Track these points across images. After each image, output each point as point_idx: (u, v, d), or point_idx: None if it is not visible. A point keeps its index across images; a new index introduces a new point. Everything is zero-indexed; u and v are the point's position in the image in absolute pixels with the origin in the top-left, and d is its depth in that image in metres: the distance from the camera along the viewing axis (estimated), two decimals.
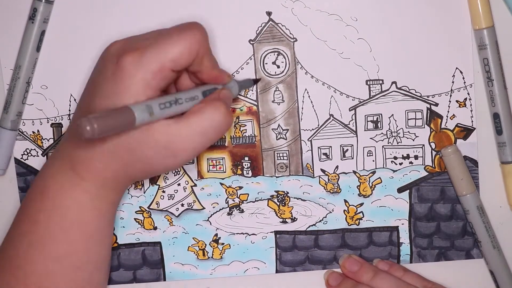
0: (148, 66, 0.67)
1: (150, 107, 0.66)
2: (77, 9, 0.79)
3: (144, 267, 0.82)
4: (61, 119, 0.81)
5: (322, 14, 0.79)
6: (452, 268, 0.82)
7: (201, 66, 0.70)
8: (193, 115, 0.68)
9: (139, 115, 0.65)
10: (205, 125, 0.68)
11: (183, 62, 0.68)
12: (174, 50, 0.67)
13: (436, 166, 0.81)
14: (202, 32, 0.69)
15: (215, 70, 0.71)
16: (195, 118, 0.68)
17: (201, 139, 0.69)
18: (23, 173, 0.81)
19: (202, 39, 0.68)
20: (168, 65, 0.67)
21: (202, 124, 0.68)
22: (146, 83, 0.67)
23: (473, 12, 0.78)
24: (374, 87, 0.80)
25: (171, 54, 0.67)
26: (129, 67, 0.67)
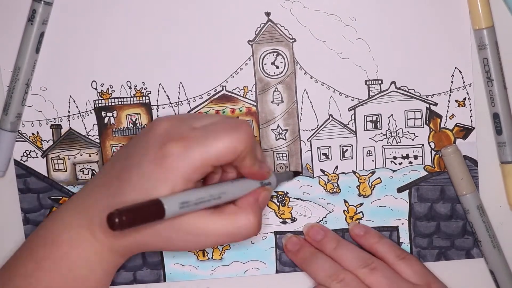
0: (192, 160, 0.67)
1: (183, 203, 0.66)
2: (76, 10, 0.79)
3: (144, 268, 0.82)
4: (61, 120, 0.81)
5: (321, 15, 0.79)
6: (452, 267, 0.82)
7: (243, 163, 0.70)
8: (226, 216, 0.69)
9: (170, 209, 0.65)
10: (234, 230, 0.70)
11: (226, 160, 0.68)
12: (219, 148, 0.67)
13: (435, 166, 0.81)
14: (249, 133, 0.69)
15: (255, 168, 0.72)
16: (227, 220, 0.69)
17: (227, 239, 0.70)
18: (23, 175, 0.81)
19: (248, 140, 0.68)
20: (211, 161, 0.67)
21: (231, 229, 0.70)
22: (186, 177, 0.67)
23: (473, 12, 0.78)
24: (373, 87, 0.80)
25: (216, 151, 0.67)
26: (172, 158, 0.67)
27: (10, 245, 0.81)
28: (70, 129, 0.81)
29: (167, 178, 0.67)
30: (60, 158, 0.81)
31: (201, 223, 0.68)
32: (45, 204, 0.81)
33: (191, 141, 0.67)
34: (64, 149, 0.81)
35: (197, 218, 0.68)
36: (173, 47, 0.79)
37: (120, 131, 0.81)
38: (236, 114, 0.81)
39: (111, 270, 0.73)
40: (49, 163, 0.81)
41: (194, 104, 0.80)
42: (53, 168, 0.81)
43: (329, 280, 0.78)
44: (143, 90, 0.80)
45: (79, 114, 0.81)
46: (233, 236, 0.70)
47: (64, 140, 0.81)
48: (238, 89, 0.80)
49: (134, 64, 0.80)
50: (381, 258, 0.79)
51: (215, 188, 0.70)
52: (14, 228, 0.82)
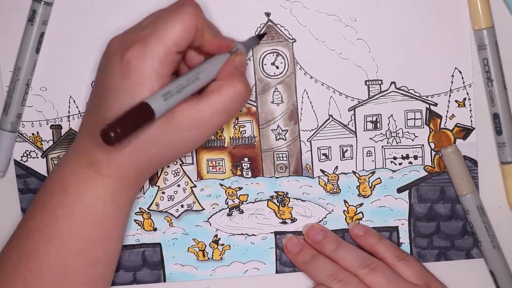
0: (153, 55, 0.67)
1: (166, 94, 0.66)
2: (77, 10, 0.79)
3: (144, 268, 0.82)
4: (61, 120, 0.81)
5: (321, 15, 0.79)
6: (452, 268, 0.82)
7: (203, 39, 0.70)
8: (214, 94, 0.69)
9: (157, 106, 0.65)
10: (227, 102, 0.69)
11: (185, 42, 0.68)
12: (174, 32, 0.67)
13: (435, 166, 0.81)
14: (195, 6, 0.69)
15: (217, 39, 0.71)
16: (216, 97, 0.69)
17: (224, 115, 0.70)
18: (23, 175, 0.81)
19: (196, 13, 0.68)
20: (172, 48, 0.67)
21: (224, 102, 0.69)
22: (156, 73, 0.67)
23: (473, 12, 0.78)
24: (373, 87, 0.80)
25: (172, 37, 0.67)
26: (135, 61, 0.67)
27: None
28: (70, 129, 0.81)
29: (140, 82, 0.66)
30: (60, 158, 0.81)
31: (192, 111, 0.68)
32: None
33: (146, 39, 0.67)
34: (64, 150, 0.81)
35: (187, 109, 0.68)
36: None
37: None
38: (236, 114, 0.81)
39: (125, 206, 0.72)
40: (49, 163, 0.81)
41: None
42: None
43: (329, 280, 0.78)
44: None
45: (79, 115, 0.81)
46: (229, 109, 0.69)
47: (64, 141, 0.81)
48: None
49: None
50: (381, 258, 0.79)
51: (190, 72, 0.69)
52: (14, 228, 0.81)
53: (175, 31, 0.67)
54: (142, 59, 0.67)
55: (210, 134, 0.70)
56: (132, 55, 0.67)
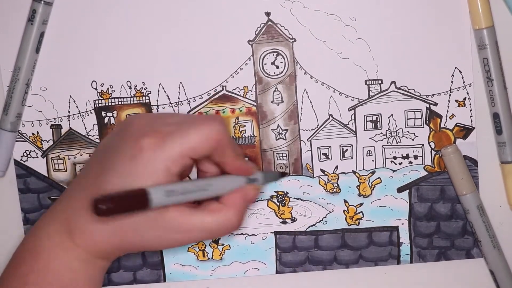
0: (169, 152, 0.66)
1: (169, 191, 0.66)
2: (77, 10, 0.79)
3: (144, 268, 0.82)
4: (61, 120, 0.81)
5: (321, 14, 0.79)
6: (452, 267, 0.82)
7: (224, 157, 0.69)
8: (208, 214, 0.69)
9: (156, 198, 0.65)
10: (216, 227, 0.69)
11: (202, 152, 0.68)
12: (194, 138, 0.67)
13: (435, 166, 0.81)
14: (222, 123, 0.68)
15: (238, 162, 0.70)
16: (209, 217, 0.68)
17: (207, 235, 0.69)
18: (23, 175, 0.81)
19: (221, 130, 0.68)
20: (188, 153, 0.67)
21: (213, 225, 0.69)
22: (167, 169, 0.66)
23: (473, 12, 0.78)
24: (373, 87, 0.80)
25: (192, 142, 0.67)
26: (149, 151, 0.66)
27: (10, 245, 0.81)
28: (70, 129, 0.81)
29: (148, 171, 0.66)
30: (60, 158, 0.81)
31: (183, 218, 0.68)
32: (45, 204, 0.81)
33: (166, 134, 0.67)
34: (64, 149, 0.81)
35: (179, 214, 0.67)
36: (173, 47, 0.79)
37: None
38: (236, 114, 0.81)
39: (97, 276, 0.72)
40: (49, 163, 0.81)
41: (194, 104, 0.80)
42: (53, 168, 0.81)
43: None
44: (143, 90, 0.80)
45: (79, 114, 0.81)
46: (213, 233, 0.69)
47: (64, 140, 0.81)
48: (238, 89, 0.80)
49: (134, 64, 0.80)
50: None
51: (201, 180, 0.69)
52: (14, 228, 0.82)
53: (195, 138, 0.67)
54: (156, 151, 0.66)
55: (187, 243, 0.70)
56: (148, 144, 0.66)
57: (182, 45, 0.79)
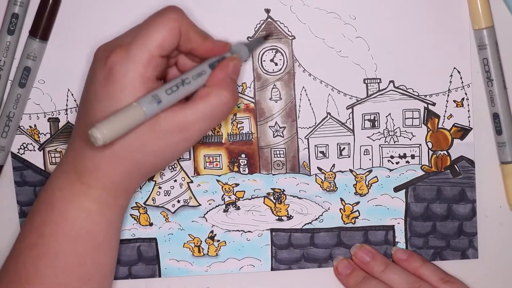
0: (136, 59, 0.67)
1: (156, 96, 0.66)
2: (75, 5, 0.79)
3: (140, 263, 0.83)
4: (58, 113, 0.81)
5: (320, 12, 0.79)
6: (447, 268, 0.82)
7: (191, 43, 0.69)
8: (200, 100, 0.68)
9: (147, 108, 0.65)
10: (212, 110, 0.69)
11: (168, 45, 0.68)
12: (156, 36, 0.67)
13: (432, 166, 0.81)
14: (177, 10, 0.68)
15: (207, 42, 0.71)
16: (202, 104, 0.68)
17: (209, 122, 0.69)
18: (20, 168, 0.81)
19: (179, 17, 0.68)
20: (155, 52, 0.67)
21: (209, 110, 0.68)
22: (140, 77, 0.67)
23: (473, 12, 0.78)
24: (372, 85, 0.80)
25: (155, 40, 0.67)
26: (118, 66, 0.66)
27: (7, 238, 0.82)
28: (67, 122, 0.81)
29: (124, 86, 0.66)
30: (57, 151, 0.81)
31: (177, 116, 0.67)
32: None
33: (129, 44, 0.67)
34: (61, 143, 0.81)
35: (172, 114, 0.67)
36: None
37: None
38: (234, 110, 0.81)
39: (115, 219, 0.72)
40: (46, 156, 0.81)
41: None
42: (50, 161, 0.81)
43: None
44: None
45: (77, 108, 0.81)
46: (213, 117, 0.69)
47: (62, 134, 0.81)
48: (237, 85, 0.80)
49: None
50: (426, 281, 0.79)
51: (180, 76, 0.69)
52: (10, 221, 0.82)
53: (157, 35, 0.67)
54: (125, 64, 0.66)
55: (195, 139, 0.70)
56: (115, 60, 0.67)
57: None
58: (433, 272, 0.80)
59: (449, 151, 0.81)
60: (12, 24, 0.78)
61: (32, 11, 0.78)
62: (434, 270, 0.80)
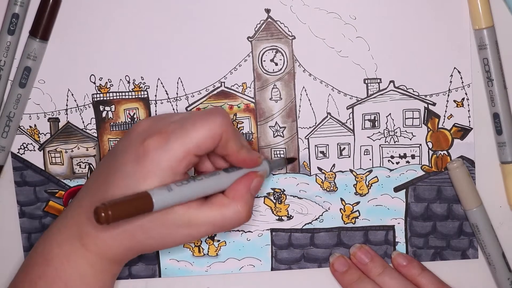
0: (172, 152, 0.67)
1: (170, 189, 0.66)
2: (75, 5, 0.79)
3: (140, 263, 0.82)
4: (58, 114, 0.81)
5: (320, 12, 0.79)
6: (447, 267, 0.82)
7: (227, 150, 0.70)
8: (215, 207, 0.70)
9: (158, 200, 0.65)
10: (223, 220, 0.70)
11: (206, 147, 0.68)
12: (198, 135, 0.67)
13: (432, 166, 0.81)
14: (225, 116, 0.69)
15: (242, 154, 0.71)
16: (216, 211, 0.69)
17: (217, 229, 0.70)
18: (20, 167, 0.81)
19: (224, 123, 0.69)
20: (192, 150, 0.68)
21: (220, 219, 0.70)
22: (171, 169, 0.67)
23: (473, 12, 0.78)
24: (372, 85, 0.80)
25: (196, 139, 0.67)
26: (154, 151, 0.67)
27: (6, 238, 0.82)
28: (67, 122, 0.81)
29: (151, 173, 0.67)
30: (57, 151, 0.81)
31: (190, 214, 0.68)
32: (42, 197, 0.81)
33: (170, 134, 0.68)
34: (61, 143, 0.81)
35: (186, 210, 0.68)
36: (173, 42, 0.79)
37: (118, 125, 0.81)
38: (234, 110, 0.81)
39: (108, 281, 0.73)
40: (46, 156, 0.81)
41: (193, 99, 0.80)
42: (50, 161, 0.81)
43: None
44: (142, 85, 0.80)
45: (77, 108, 0.81)
46: (222, 227, 0.70)
47: (62, 134, 0.81)
48: (237, 85, 0.80)
49: (133, 58, 0.80)
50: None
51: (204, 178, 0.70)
52: (10, 221, 0.82)
53: (199, 135, 0.68)
54: (160, 152, 0.67)
55: (197, 238, 0.71)
56: (152, 145, 0.67)
57: (181, 41, 0.79)
58: (431, 281, 0.80)
59: (449, 151, 0.81)
60: (12, 24, 0.78)
61: (33, 11, 0.78)
62: (432, 279, 0.80)
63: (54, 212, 0.82)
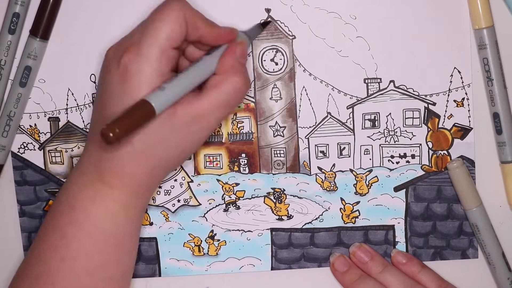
0: (149, 55, 0.67)
1: (164, 89, 0.65)
2: (76, 4, 0.79)
3: (140, 262, 0.83)
4: (59, 113, 0.81)
5: (321, 12, 0.79)
6: (447, 267, 0.82)
7: (198, 31, 0.69)
8: (214, 89, 0.68)
9: (157, 101, 0.64)
10: (227, 97, 0.69)
11: (178, 36, 0.68)
12: (163, 28, 0.67)
13: (433, 166, 0.81)
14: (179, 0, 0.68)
15: (215, 29, 0.70)
16: (216, 92, 0.68)
17: (224, 109, 0.69)
18: (20, 167, 0.81)
19: (182, 6, 0.68)
20: (166, 45, 0.67)
21: (223, 97, 0.69)
22: (155, 72, 0.67)
23: (473, 12, 0.78)
24: (372, 85, 0.80)
25: (164, 34, 0.67)
26: (132, 64, 0.66)
27: (6, 238, 0.82)
28: (68, 122, 0.81)
29: (140, 84, 0.66)
30: (57, 151, 0.81)
31: (193, 107, 0.68)
32: (42, 197, 0.82)
33: (138, 42, 0.67)
34: (61, 142, 0.81)
35: (187, 105, 0.67)
36: None
37: None
38: (235, 110, 0.81)
39: (136, 218, 0.71)
40: (46, 155, 0.81)
41: None
42: (50, 160, 0.81)
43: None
44: None
45: (77, 107, 0.81)
46: (228, 104, 0.69)
47: (62, 133, 0.81)
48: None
49: None
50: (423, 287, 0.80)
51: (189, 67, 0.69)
52: (10, 221, 0.82)
53: (165, 27, 0.67)
54: (138, 61, 0.66)
55: (212, 128, 0.70)
56: (128, 59, 0.67)
57: None
58: (432, 279, 0.80)
59: (449, 150, 0.81)
60: (13, 23, 0.78)
61: (33, 10, 0.78)
62: (432, 276, 0.80)
63: None
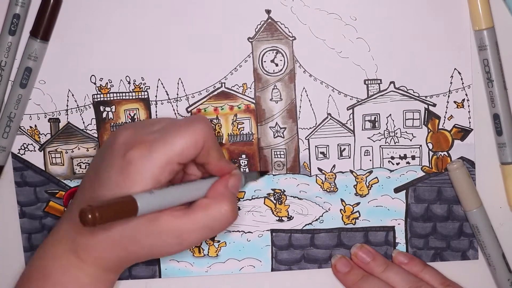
0: (155, 161, 0.67)
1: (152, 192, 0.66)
2: (76, 5, 0.79)
3: (140, 263, 0.82)
4: (59, 114, 0.81)
5: (321, 13, 0.79)
6: (447, 268, 0.82)
7: (208, 158, 0.70)
8: (199, 210, 0.69)
9: (143, 203, 0.65)
10: (211, 221, 0.70)
11: (189, 155, 0.69)
12: (180, 143, 0.68)
13: (433, 167, 0.81)
14: (207, 125, 0.69)
15: (221, 163, 0.72)
16: (201, 213, 0.69)
17: (207, 232, 0.70)
18: (20, 168, 0.81)
19: (207, 132, 0.69)
20: (174, 159, 0.68)
21: (208, 221, 0.69)
22: (154, 178, 0.67)
23: (473, 13, 0.78)
24: (372, 86, 0.80)
25: (178, 148, 0.68)
26: (137, 162, 0.67)
27: (7, 239, 0.82)
28: (68, 123, 0.81)
29: (136, 182, 0.67)
30: (57, 152, 0.81)
31: (176, 221, 0.68)
32: (42, 198, 0.82)
33: (152, 143, 0.68)
34: (61, 143, 0.81)
35: (172, 218, 0.68)
36: (173, 43, 0.79)
37: (118, 126, 0.81)
38: (234, 111, 0.81)
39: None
40: (47, 156, 0.81)
41: (193, 100, 0.80)
42: (51, 161, 0.81)
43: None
44: (142, 86, 0.80)
45: (77, 108, 0.81)
46: (212, 228, 0.70)
47: (62, 134, 0.81)
48: (237, 86, 0.80)
49: (134, 59, 0.80)
50: None
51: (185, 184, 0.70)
52: (11, 222, 0.82)
53: (182, 144, 0.68)
54: (143, 162, 0.67)
55: (189, 246, 0.71)
56: (135, 155, 0.67)
57: (181, 41, 0.79)
58: (434, 277, 0.80)
59: (449, 152, 0.81)
60: (13, 24, 0.78)
61: (33, 11, 0.78)
62: (435, 274, 0.80)
63: (54, 212, 0.82)
